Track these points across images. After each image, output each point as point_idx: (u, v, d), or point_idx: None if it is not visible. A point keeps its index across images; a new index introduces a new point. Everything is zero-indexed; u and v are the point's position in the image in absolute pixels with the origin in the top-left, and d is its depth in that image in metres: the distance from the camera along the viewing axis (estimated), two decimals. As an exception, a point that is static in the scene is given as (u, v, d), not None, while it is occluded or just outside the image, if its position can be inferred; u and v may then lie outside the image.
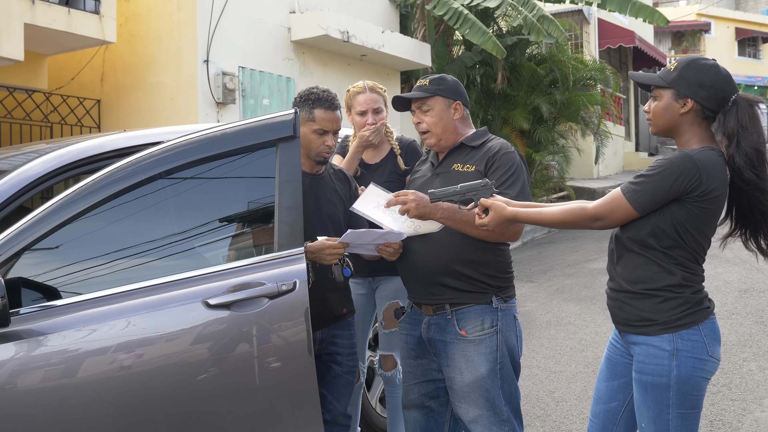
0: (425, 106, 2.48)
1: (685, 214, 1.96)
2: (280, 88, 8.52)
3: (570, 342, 5.02)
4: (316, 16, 8.52)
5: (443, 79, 2.50)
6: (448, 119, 2.48)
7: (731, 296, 5.79)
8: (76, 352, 2.09)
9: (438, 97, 2.47)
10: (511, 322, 2.43)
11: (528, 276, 7.55)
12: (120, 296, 2.16)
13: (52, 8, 6.33)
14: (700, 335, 1.98)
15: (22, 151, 2.75)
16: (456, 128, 2.50)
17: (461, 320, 2.38)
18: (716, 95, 2.00)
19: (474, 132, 2.53)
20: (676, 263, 2.00)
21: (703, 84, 1.99)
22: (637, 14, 11.11)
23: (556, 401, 4.00)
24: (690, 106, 2.01)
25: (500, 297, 2.41)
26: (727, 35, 28.52)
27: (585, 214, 2.04)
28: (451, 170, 2.45)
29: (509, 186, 2.34)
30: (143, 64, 7.83)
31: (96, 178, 2.25)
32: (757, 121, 1.99)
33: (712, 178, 1.93)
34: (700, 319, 1.99)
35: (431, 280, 2.40)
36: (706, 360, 1.98)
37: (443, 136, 2.48)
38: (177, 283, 2.21)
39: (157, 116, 7.63)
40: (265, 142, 2.32)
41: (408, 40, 9.99)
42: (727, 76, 2.01)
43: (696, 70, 2.01)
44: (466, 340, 2.36)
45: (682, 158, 1.94)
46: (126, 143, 2.66)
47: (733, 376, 4.10)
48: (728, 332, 4.87)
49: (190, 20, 7.53)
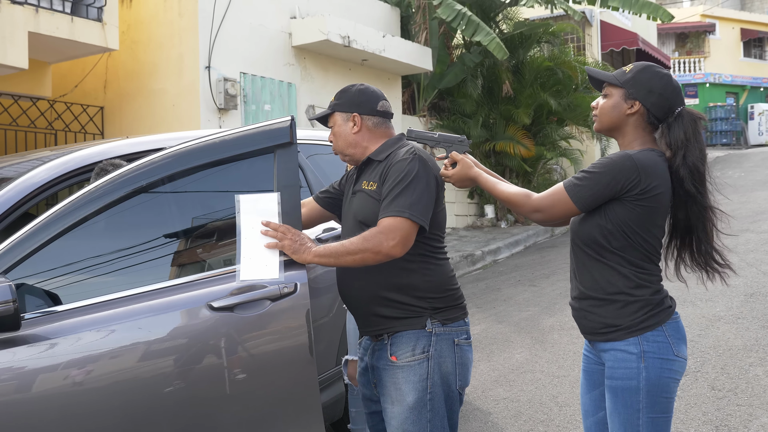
0: (330, 122, 2.37)
1: (628, 213, 1.99)
2: (282, 94, 8.53)
3: (573, 346, 5.01)
4: (317, 21, 8.55)
5: (344, 92, 2.35)
6: (347, 134, 2.31)
7: (737, 300, 5.75)
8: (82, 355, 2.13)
9: (336, 113, 2.34)
10: (448, 347, 2.19)
11: (531, 280, 7.54)
12: (125, 300, 2.21)
13: (55, 16, 6.36)
14: (665, 335, 2.01)
15: (26, 159, 2.77)
16: (358, 142, 2.31)
17: (394, 345, 2.20)
18: (663, 103, 2.05)
19: (383, 143, 2.31)
20: (630, 264, 2.02)
21: (653, 90, 2.04)
22: (640, 11, 11.10)
23: (559, 406, 3.99)
24: (637, 108, 2.06)
25: (437, 320, 2.19)
26: (732, 36, 28.44)
27: (527, 202, 2.09)
28: (362, 189, 2.27)
29: (397, 195, 2.11)
30: (145, 70, 7.86)
31: (98, 185, 2.29)
32: (699, 136, 2.05)
33: (650, 176, 1.97)
34: (663, 320, 2.02)
35: (365, 311, 2.26)
36: (672, 360, 2.00)
37: (347, 151, 2.33)
38: (181, 287, 2.27)
39: (159, 122, 7.65)
40: (263, 149, 2.38)
41: (409, 44, 10.00)
42: (676, 88, 2.06)
43: (649, 75, 2.06)
44: (396, 366, 2.18)
45: (621, 157, 2.00)
46: (129, 150, 2.69)
47: (739, 381, 4.07)
48: (734, 337, 4.84)
49: (191, 27, 7.56)
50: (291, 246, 2.19)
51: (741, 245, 7.86)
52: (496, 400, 4.15)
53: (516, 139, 11.33)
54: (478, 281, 7.91)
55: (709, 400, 3.83)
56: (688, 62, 28.09)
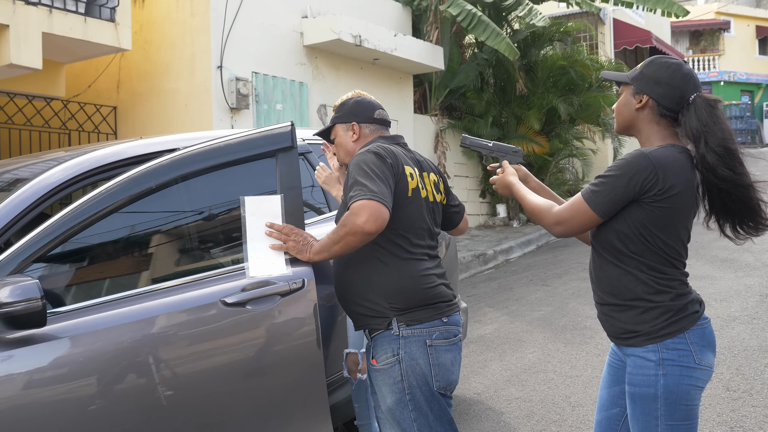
0: (332, 136, 2.49)
1: (646, 215, 1.90)
2: (293, 93, 8.55)
3: (586, 346, 4.98)
4: (329, 20, 8.55)
5: (343, 105, 2.45)
6: (347, 143, 2.43)
7: (752, 301, 5.71)
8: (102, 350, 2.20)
9: (337, 125, 2.45)
10: (418, 349, 2.16)
11: (543, 280, 7.51)
12: (142, 296, 2.30)
13: (68, 17, 6.41)
14: (686, 343, 1.92)
15: (41, 159, 2.79)
16: (357, 149, 2.40)
17: (375, 347, 2.24)
18: (672, 93, 1.95)
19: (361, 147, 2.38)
20: (649, 268, 1.94)
21: (660, 81, 1.97)
22: (654, 7, 11.02)
23: (572, 406, 3.97)
24: (645, 101, 1.98)
25: (402, 322, 2.17)
26: (747, 34, 28.18)
27: (548, 215, 2.01)
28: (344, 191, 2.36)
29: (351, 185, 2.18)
30: (158, 70, 7.90)
31: (111, 184, 2.35)
32: (718, 119, 1.92)
33: (669, 175, 1.87)
34: (685, 327, 1.93)
35: (347, 308, 2.32)
36: (694, 368, 1.92)
37: (348, 161, 2.43)
38: (196, 284, 2.37)
39: (171, 122, 7.69)
40: (265, 153, 2.51)
41: (421, 44, 9.99)
42: (686, 76, 1.96)
43: (656, 67, 1.99)
44: (375, 369, 2.24)
45: (637, 157, 1.90)
46: (143, 150, 2.69)
47: (755, 382, 4.04)
48: (749, 337, 4.81)
49: (203, 27, 7.59)
50: (295, 247, 2.32)
51: (756, 245, 7.80)
52: (509, 400, 4.14)
53: (528, 137, 11.29)
54: (491, 280, 7.89)
55: (724, 401, 3.80)
56: (702, 60, 27.86)
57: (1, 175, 2.74)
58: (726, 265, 7.00)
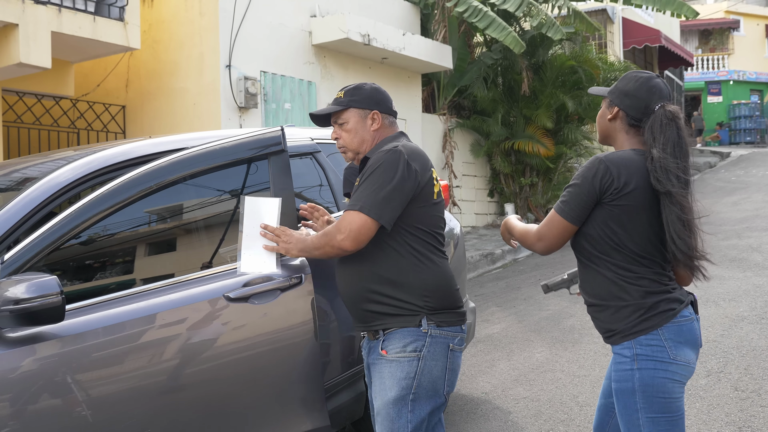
0: (341, 119, 2.34)
1: (607, 214, 2.04)
2: (302, 92, 8.56)
3: (594, 346, 4.98)
4: (337, 19, 8.56)
5: (358, 89, 2.34)
6: (365, 131, 2.31)
7: (761, 301, 5.69)
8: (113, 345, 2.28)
9: (352, 109, 2.32)
10: (441, 351, 2.16)
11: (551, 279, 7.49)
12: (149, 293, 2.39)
13: (78, 16, 6.44)
14: (660, 339, 2.02)
15: (50, 158, 2.81)
16: (374, 139, 2.32)
17: (387, 340, 2.19)
18: (638, 104, 2.11)
19: (382, 140, 2.33)
20: (617, 267, 2.05)
21: (629, 93, 2.13)
22: (664, 8, 10.97)
23: (579, 406, 3.96)
24: (615, 112, 2.15)
25: (433, 321, 2.16)
26: (757, 33, 28.03)
27: (531, 234, 2.16)
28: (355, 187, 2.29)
29: (357, 189, 2.18)
30: (166, 70, 7.93)
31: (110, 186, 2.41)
32: (670, 131, 2.04)
33: (623, 173, 2.02)
34: (658, 324, 2.02)
35: (359, 308, 2.26)
36: (668, 363, 2.01)
37: (361, 149, 2.33)
38: (200, 280, 2.47)
39: (180, 121, 7.72)
40: (257, 156, 2.63)
41: (429, 42, 9.98)
42: (652, 88, 2.10)
43: (626, 80, 2.17)
44: (384, 359, 2.17)
45: (592, 162, 2.07)
46: (151, 150, 2.71)
47: (763, 383, 4.03)
48: (758, 337, 4.79)
49: (212, 26, 7.61)
50: (284, 247, 2.32)
51: (765, 244, 7.77)
52: (516, 400, 4.13)
53: (536, 138, 11.27)
54: (498, 280, 7.88)
55: (732, 401, 3.79)
56: (711, 59, 27.72)
57: (11, 174, 2.77)
58: (735, 265, 6.98)
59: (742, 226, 9.23)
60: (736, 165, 18.19)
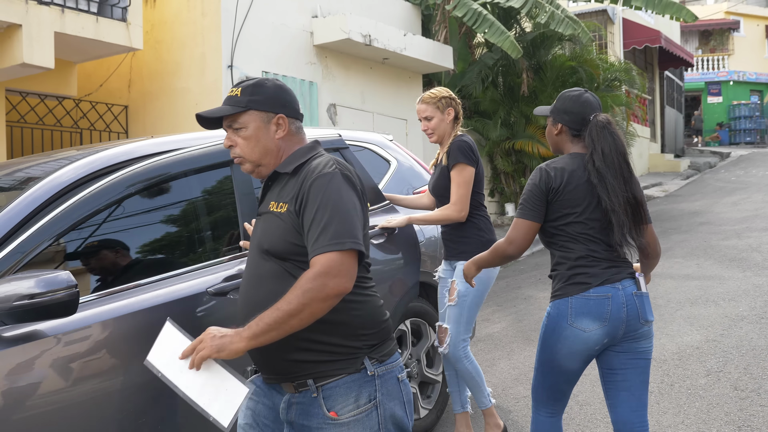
0: (237, 123, 1.91)
1: (551, 208, 2.54)
2: (303, 92, 8.59)
3: (594, 345, 4.99)
4: (338, 20, 8.58)
5: (260, 86, 1.92)
6: (267, 139, 1.91)
7: (760, 300, 5.71)
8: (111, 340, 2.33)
9: (252, 111, 1.90)
10: (393, 388, 1.88)
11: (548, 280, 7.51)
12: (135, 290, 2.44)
13: (80, 17, 6.47)
14: (567, 306, 2.48)
15: (53, 158, 2.83)
16: (279, 149, 1.93)
17: (329, 398, 1.81)
18: (576, 118, 2.59)
19: (293, 153, 1.94)
20: (558, 247, 2.55)
21: (566, 110, 2.61)
22: (664, 11, 11.00)
23: (579, 405, 3.98)
24: (560, 128, 2.63)
25: (375, 358, 1.85)
26: (757, 33, 28.05)
27: (499, 245, 2.59)
28: (268, 211, 1.90)
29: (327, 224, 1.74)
30: (169, 70, 7.96)
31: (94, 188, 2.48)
32: (601, 138, 2.50)
33: (559, 175, 2.51)
34: (569, 293, 2.48)
35: (279, 358, 1.86)
36: (564, 327, 2.48)
37: (263, 161, 1.93)
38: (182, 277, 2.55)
39: (182, 121, 7.75)
40: (221, 163, 2.75)
41: (430, 43, 10.01)
42: (584, 103, 2.58)
43: (563, 100, 2.64)
44: (338, 423, 1.80)
45: (537, 170, 2.56)
46: (153, 149, 2.74)
47: (763, 382, 4.05)
48: (757, 337, 4.81)
49: (214, 26, 7.64)
50: (212, 347, 1.72)
51: (765, 244, 7.80)
52: (516, 398, 4.15)
53: (536, 138, 11.29)
54: (499, 279, 7.90)
55: (731, 401, 3.81)
56: (711, 60, 27.74)
57: (14, 174, 2.79)
58: (735, 265, 7.00)
59: (742, 226, 9.26)
60: (736, 165, 18.22)
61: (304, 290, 1.71)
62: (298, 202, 1.81)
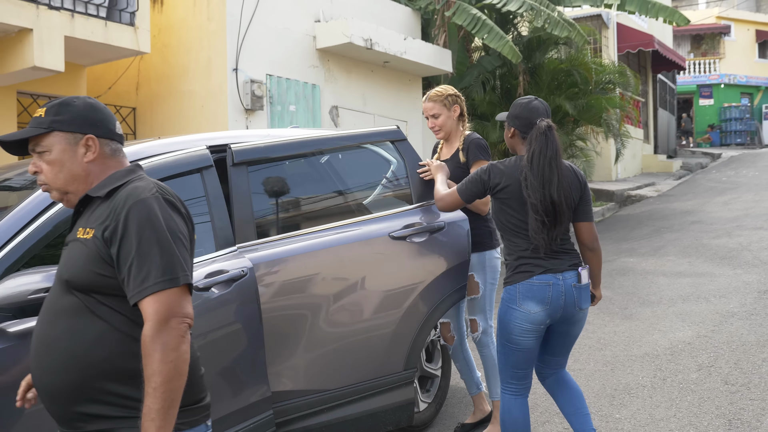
0: (39, 147, 1.69)
1: (496, 203, 2.92)
2: (306, 95, 8.74)
3: (588, 341, 5.09)
4: (341, 24, 8.73)
5: (65, 105, 1.70)
6: (74, 164, 1.68)
7: (750, 297, 5.79)
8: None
9: (57, 132, 1.68)
10: None
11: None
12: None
13: (90, 21, 6.59)
14: (516, 291, 2.85)
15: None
16: (90, 174, 1.70)
17: None
18: (524, 122, 2.88)
19: (109, 176, 1.71)
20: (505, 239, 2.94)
21: (517, 115, 2.91)
22: (657, 15, 11.18)
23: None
24: (512, 132, 2.93)
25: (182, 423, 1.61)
26: (747, 38, 28.29)
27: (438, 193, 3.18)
28: (76, 239, 1.66)
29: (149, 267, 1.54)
30: (175, 73, 8.10)
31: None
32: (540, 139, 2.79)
33: (499, 175, 2.87)
34: (516, 280, 2.85)
35: (69, 409, 1.61)
36: (515, 309, 2.85)
37: (70, 188, 1.70)
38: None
39: (188, 123, 7.89)
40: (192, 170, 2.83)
41: (430, 47, 10.16)
42: (532, 109, 2.88)
43: (515, 106, 2.94)
44: None
45: (486, 166, 2.96)
46: (161, 150, 2.84)
47: (752, 376, 4.11)
48: (747, 333, 4.89)
49: (219, 31, 7.78)
50: None
51: (755, 243, 7.91)
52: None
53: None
54: (496, 279, 8.02)
55: (722, 395, 3.89)
56: (703, 63, 28.00)
57: (23, 174, 2.85)
58: (725, 263, 7.08)
59: (733, 225, 9.33)
60: (727, 166, 18.35)
61: (160, 358, 1.50)
62: (109, 229, 1.59)
